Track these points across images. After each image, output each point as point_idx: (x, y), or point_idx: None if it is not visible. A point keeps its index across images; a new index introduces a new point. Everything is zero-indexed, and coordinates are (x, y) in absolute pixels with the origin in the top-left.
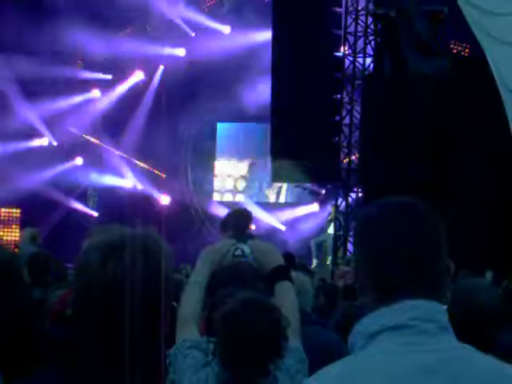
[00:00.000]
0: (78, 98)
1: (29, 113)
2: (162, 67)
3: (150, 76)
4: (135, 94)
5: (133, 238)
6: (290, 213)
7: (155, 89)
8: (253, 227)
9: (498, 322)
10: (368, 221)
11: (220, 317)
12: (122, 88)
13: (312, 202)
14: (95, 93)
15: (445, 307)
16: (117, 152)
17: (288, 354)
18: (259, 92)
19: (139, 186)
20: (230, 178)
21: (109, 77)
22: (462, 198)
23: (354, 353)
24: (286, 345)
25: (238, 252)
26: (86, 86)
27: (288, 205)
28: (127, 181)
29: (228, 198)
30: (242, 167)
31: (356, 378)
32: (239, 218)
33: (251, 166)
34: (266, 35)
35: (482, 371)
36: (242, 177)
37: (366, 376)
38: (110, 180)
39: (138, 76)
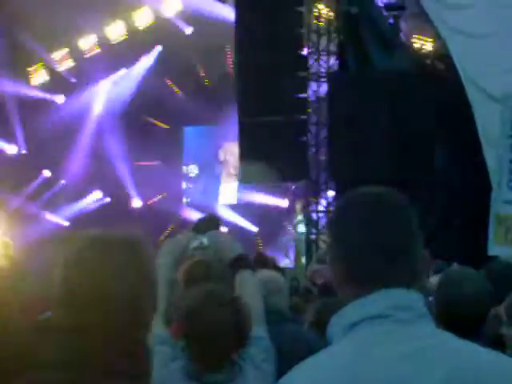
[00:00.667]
0: None
1: None
2: None
3: None
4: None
5: (116, 235)
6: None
7: None
8: (224, 229)
9: (486, 311)
10: (342, 211)
11: (182, 311)
12: None
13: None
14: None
15: (422, 295)
16: None
17: (252, 343)
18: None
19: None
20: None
21: None
22: (429, 193)
23: (333, 344)
24: (250, 334)
25: (197, 243)
26: None
27: (257, 205)
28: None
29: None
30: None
31: (334, 369)
32: (208, 223)
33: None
34: None
35: (460, 358)
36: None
37: (345, 366)
38: None
39: None
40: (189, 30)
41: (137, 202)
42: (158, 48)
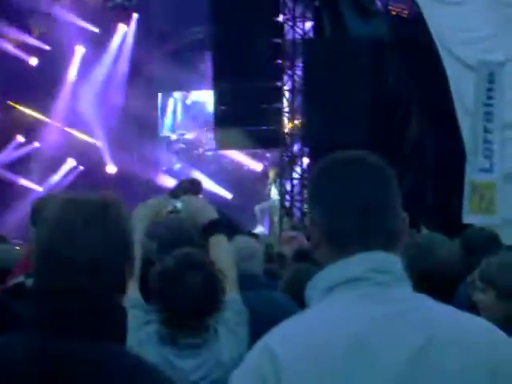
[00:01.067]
0: None
1: None
2: None
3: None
4: None
5: (90, 195)
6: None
7: None
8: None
9: (459, 277)
10: (321, 173)
11: (155, 274)
12: None
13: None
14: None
15: (400, 258)
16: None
17: (226, 306)
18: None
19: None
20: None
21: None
22: (406, 159)
23: (312, 306)
24: (224, 298)
25: (171, 207)
26: None
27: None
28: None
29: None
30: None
31: (314, 331)
32: (188, 188)
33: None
34: None
35: (440, 319)
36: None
37: (325, 329)
38: None
39: None
40: None
41: (111, 168)
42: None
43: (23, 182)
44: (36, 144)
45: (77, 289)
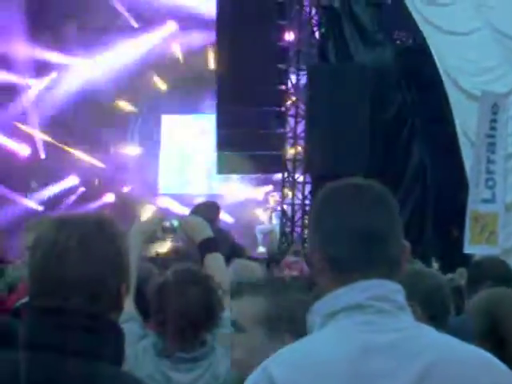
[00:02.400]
0: None
1: None
2: None
3: None
4: None
5: (85, 215)
6: (235, 205)
7: None
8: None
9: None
10: (324, 200)
11: (153, 287)
12: None
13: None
14: None
15: (401, 287)
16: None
17: (223, 324)
18: None
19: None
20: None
21: None
22: (407, 186)
23: (313, 332)
24: (221, 314)
25: (167, 225)
26: None
27: (233, 196)
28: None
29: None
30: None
31: (314, 356)
32: (207, 210)
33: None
34: None
35: (439, 348)
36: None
37: (324, 354)
38: None
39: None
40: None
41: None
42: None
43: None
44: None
45: (71, 309)
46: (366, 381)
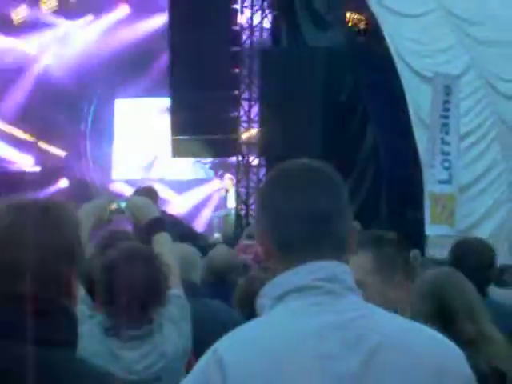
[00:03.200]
0: None
1: None
2: None
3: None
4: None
5: (33, 200)
6: (191, 190)
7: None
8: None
9: None
10: (271, 181)
11: (100, 265)
12: None
13: (211, 178)
14: None
15: (349, 268)
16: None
17: (170, 301)
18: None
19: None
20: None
21: None
22: (361, 168)
23: (263, 315)
24: (167, 292)
25: (114, 206)
26: None
27: (192, 182)
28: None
29: (128, 175)
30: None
31: (264, 339)
32: (145, 195)
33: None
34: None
35: (388, 327)
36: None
37: (273, 336)
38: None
39: None
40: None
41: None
42: None
43: None
44: None
45: (19, 294)
46: (317, 362)
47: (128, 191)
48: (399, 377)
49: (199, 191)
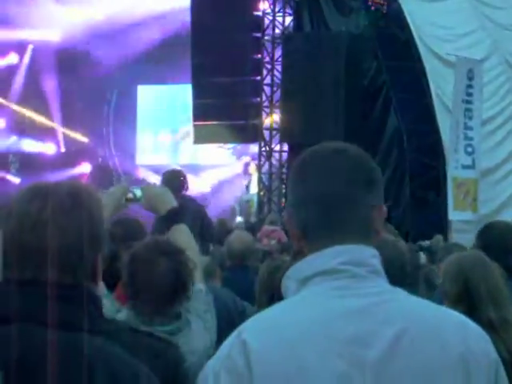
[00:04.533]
0: None
1: None
2: None
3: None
4: None
5: (59, 184)
6: (214, 175)
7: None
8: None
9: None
10: (297, 167)
11: (126, 259)
12: None
13: (234, 163)
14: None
15: (376, 251)
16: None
17: (193, 296)
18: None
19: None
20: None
21: None
22: (384, 152)
23: (288, 297)
24: (193, 287)
25: (130, 195)
26: None
27: (211, 167)
28: (49, 146)
29: (152, 160)
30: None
31: (289, 322)
32: (173, 180)
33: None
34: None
35: (414, 312)
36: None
37: (298, 319)
38: (31, 146)
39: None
40: None
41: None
42: None
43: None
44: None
45: (45, 280)
46: (341, 346)
47: (151, 177)
48: (425, 363)
49: (222, 176)
